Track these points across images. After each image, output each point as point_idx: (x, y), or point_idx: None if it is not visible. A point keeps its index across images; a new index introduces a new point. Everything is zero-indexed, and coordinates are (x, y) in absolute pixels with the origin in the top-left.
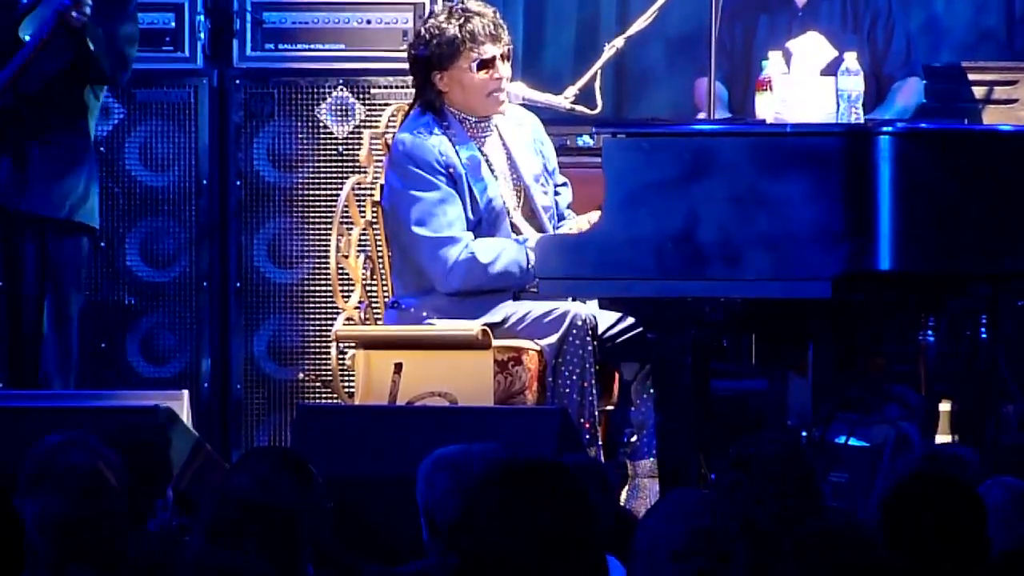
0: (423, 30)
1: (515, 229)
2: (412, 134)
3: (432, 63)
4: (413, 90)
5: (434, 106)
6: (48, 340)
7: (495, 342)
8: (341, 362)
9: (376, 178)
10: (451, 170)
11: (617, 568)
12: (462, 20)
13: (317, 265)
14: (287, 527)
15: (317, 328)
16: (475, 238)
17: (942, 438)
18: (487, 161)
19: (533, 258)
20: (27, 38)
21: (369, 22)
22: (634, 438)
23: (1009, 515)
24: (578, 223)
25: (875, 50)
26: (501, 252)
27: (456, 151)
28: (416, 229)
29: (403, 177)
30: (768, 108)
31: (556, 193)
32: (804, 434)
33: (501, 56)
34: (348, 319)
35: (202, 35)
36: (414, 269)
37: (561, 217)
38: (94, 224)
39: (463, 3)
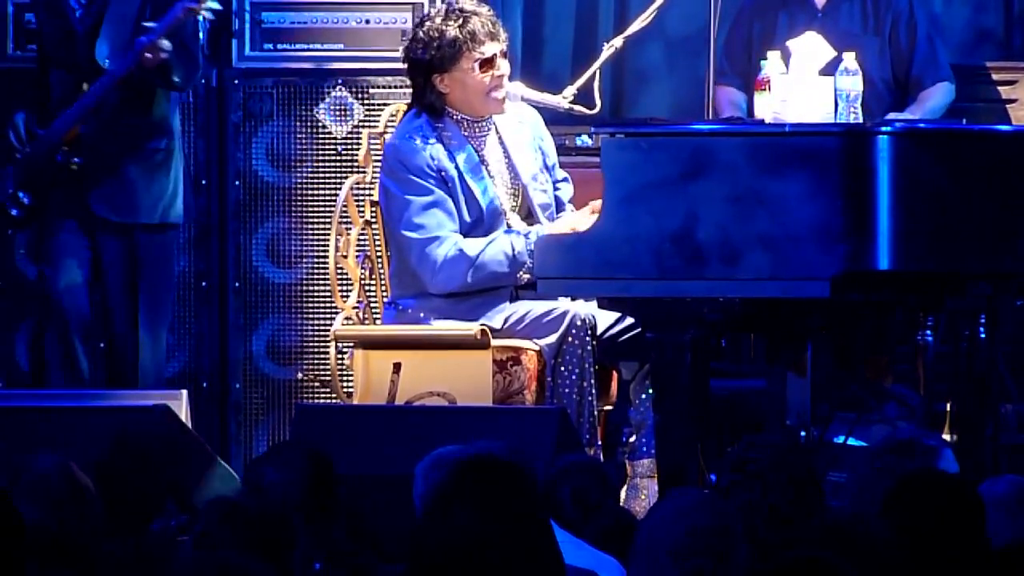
0: (421, 32)
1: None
2: (403, 140)
3: (433, 66)
4: (412, 90)
5: (434, 108)
6: (143, 339)
7: (494, 342)
8: (340, 362)
9: (375, 178)
10: (443, 173)
11: (617, 568)
12: (461, 21)
13: (316, 265)
14: (279, 529)
15: (316, 328)
16: (472, 239)
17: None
18: (484, 162)
19: (521, 245)
20: (106, 62)
21: (368, 22)
22: (633, 438)
23: (1013, 509)
24: (567, 221)
25: (898, 52)
26: (487, 246)
27: (450, 154)
28: (405, 232)
29: (395, 181)
30: (767, 108)
31: (556, 188)
32: (803, 434)
33: (501, 53)
34: (347, 319)
35: (201, 35)
36: (411, 271)
37: (561, 208)
38: (180, 220)
39: (458, 3)
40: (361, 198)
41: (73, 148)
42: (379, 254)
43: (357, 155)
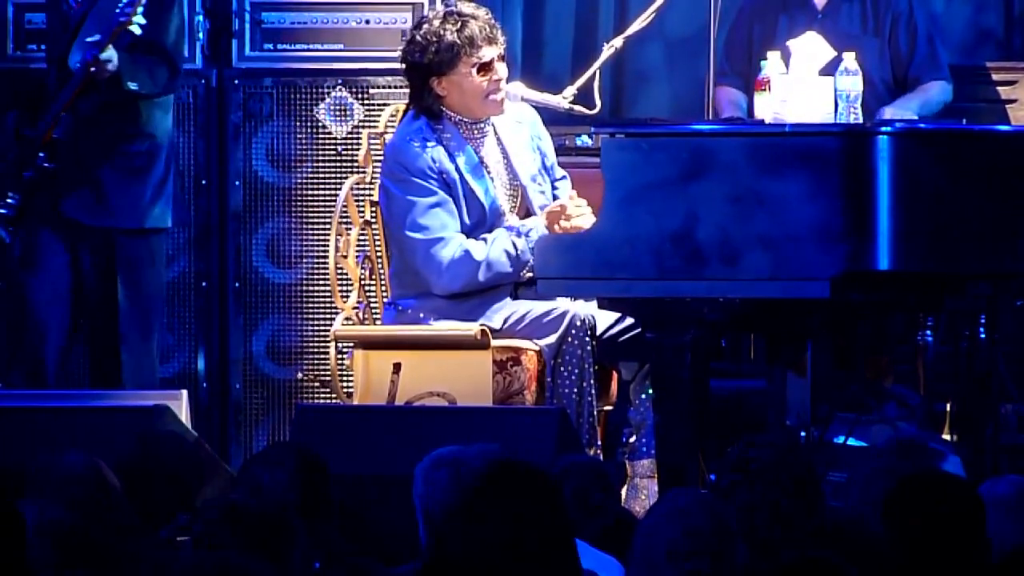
0: (418, 36)
1: None
2: (404, 142)
3: (431, 69)
4: (409, 93)
5: (431, 111)
6: (126, 340)
7: (494, 342)
8: (340, 362)
9: (375, 178)
10: (444, 176)
11: (617, 568)
12: (458, 25)
13: (316, 265)
14: (279, 529)
15: (316, 328)
16: (475, 240)
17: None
18: (483, 163)
19: (523, 244)
20: (77, 67)
21: (368, 22)
22: (633, 438)
23: (1014, 510)
24: (554, 212)
25: (898, 53)
26: (492, 247)
27: (450, 156)
28: (410, 233)
29: (397, 183)
30: (767, 108)
31: (554, 187)
32: (803, 434)
33: (499, 57)
34: (347, 319)
35: (201, 35)
36: (412, 271)
37: None
38: (164, 225)
39: (456, 6)
40: (361, 198)
41: (48, 152)
42: (379, 254)
43: (357, 155)
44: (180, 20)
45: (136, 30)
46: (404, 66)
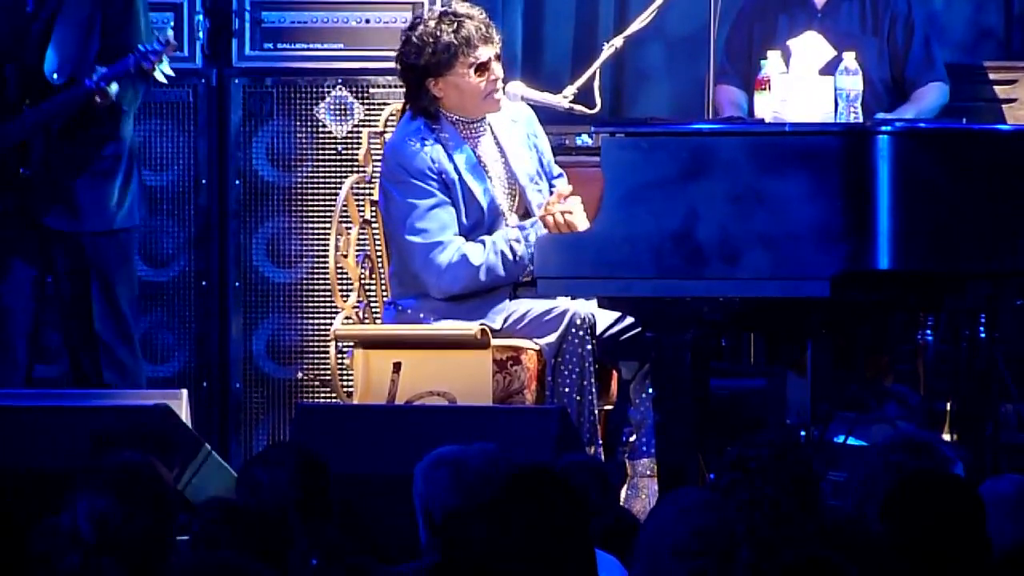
0: (414, 38)
1: None
2: (402, 143)
3: (428, 70)
4: (405, 93)
5: (428, 112)
6: (100, 338)
7: (494, 341)
8: (340, 361)
9: (375, 177)
10: (443, 176)
11: (617, 568)
12: (455, 26)
13: (316, 264)
14: (278, 529)
15: (316, 327)
16: (472, 240)
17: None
18: (481, 162)
19: (522, 249)
20: (54, 76)
21: (368, 21)
22: (633, 437)
23: (1014, 509)
24: (552, 202)
25: (895, 53)
26: (490, 250)
27: (449, 156)
28: (409, 237)
29: (396, 185)
30: (767, 107)
31: (551, 186)
32: (803, 433)
33: (495, 56)
34: (347, 318)
35: (201, 35)
36: (411, 272)
37: None
38: (132, 224)
39: (451, 6)
40: (361, 197)
41: (20, 157)
42: (379, 254)
43: (357, 155)
44: (145, 22)
45: (161, 78)
46: (400, 67)
